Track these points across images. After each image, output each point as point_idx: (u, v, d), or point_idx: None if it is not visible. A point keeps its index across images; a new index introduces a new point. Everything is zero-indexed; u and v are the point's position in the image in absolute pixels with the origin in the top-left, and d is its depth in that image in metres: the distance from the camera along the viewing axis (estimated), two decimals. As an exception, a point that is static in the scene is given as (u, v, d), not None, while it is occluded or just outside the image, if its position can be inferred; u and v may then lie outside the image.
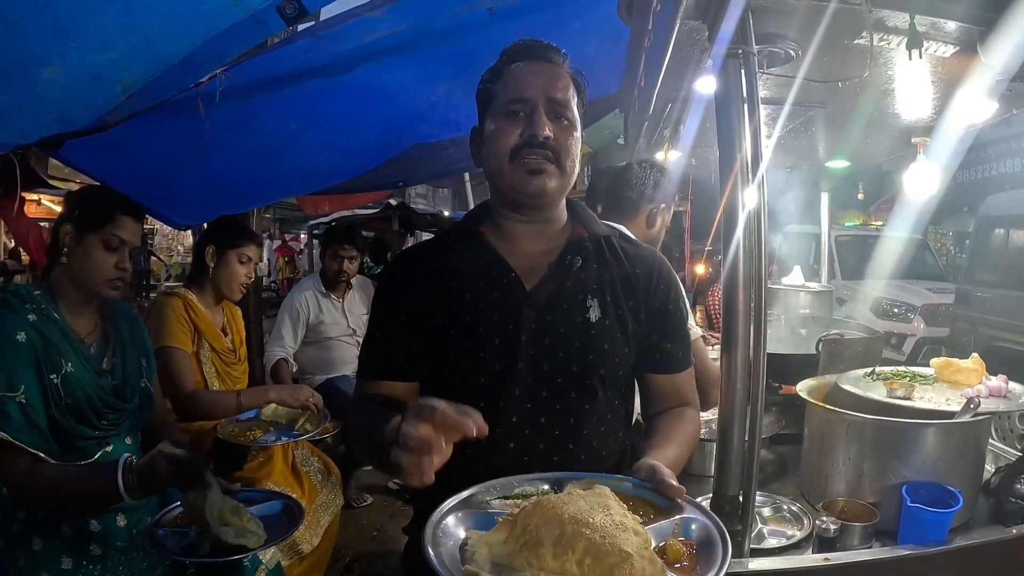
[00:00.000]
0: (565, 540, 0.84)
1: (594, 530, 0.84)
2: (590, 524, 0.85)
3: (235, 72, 2.00)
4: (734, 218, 1.25)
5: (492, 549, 0.87)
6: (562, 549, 0.84)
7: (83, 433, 1.71)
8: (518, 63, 1.25)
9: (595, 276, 1.27)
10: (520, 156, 1.20)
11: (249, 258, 2.68)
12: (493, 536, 0.89)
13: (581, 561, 0.83)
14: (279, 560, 2.11)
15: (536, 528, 0.86)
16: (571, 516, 0.86)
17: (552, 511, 0.88)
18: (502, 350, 1.20)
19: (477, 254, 1.27)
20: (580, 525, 0.85)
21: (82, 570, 1.67)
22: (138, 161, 2.69)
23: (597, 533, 0.84)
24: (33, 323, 1.65)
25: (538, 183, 1.20)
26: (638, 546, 0.84)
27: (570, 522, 0.86)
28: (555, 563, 0.83)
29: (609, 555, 0.82)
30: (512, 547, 0.86)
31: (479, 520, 0.94)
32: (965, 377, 1.96)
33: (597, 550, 0.82)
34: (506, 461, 1.16)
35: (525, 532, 0.87)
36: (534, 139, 1.19)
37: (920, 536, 1.47)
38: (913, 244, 9.11)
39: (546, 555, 0.84)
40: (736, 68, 1.24)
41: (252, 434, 2.36)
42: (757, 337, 1.25)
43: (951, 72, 1.66)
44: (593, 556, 0.82)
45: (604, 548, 0.82)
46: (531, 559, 0.84)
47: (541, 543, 0.85)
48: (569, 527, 0.85)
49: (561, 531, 0.85)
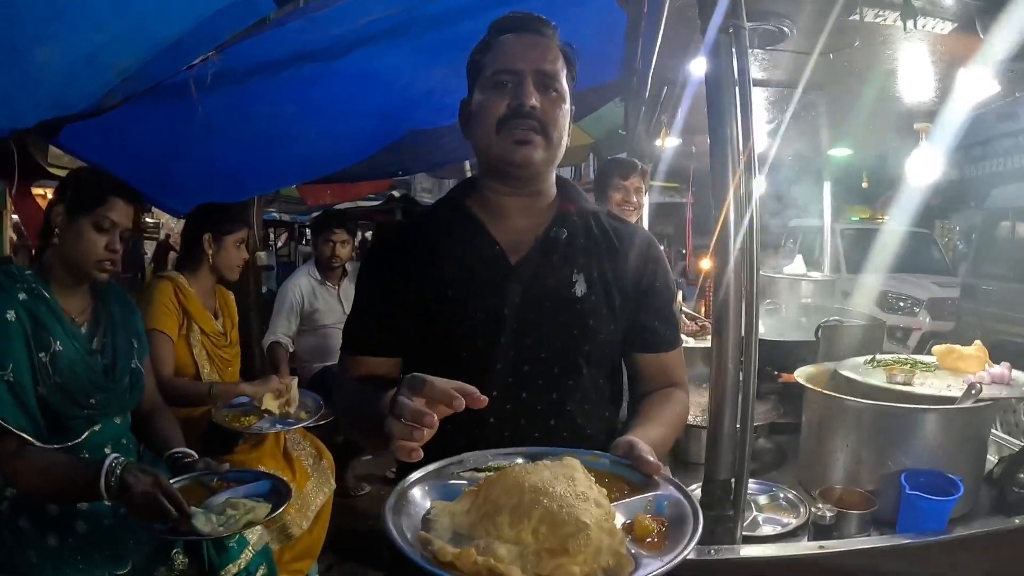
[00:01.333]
0: (522, 509, 0.82)
1: (552, 499, 0.82)
2: (549, 494, 0.83)
3: (228, 55, 1.99)
4: (724, 202, 1.22)
5: (454, 519, 0.86)
6: (518, 518, 0.81)
7: (71, 412, 1.72)
8: (507, 35, 1.23)
9: (581, 251, 1.26)
10: (507, 126, 1.19)
11: (243, 240, 2.75)
12: (456, 506, 0.88)
13: (536, 530, 0.80)
14: (267, 542, 2.10)
15: (496, 497, 0.85)
16: (531, 485, 0.84)
17: (514, 480, 0.86)
18: (485, 324, 1.19)
19: (463, 228, 1.26)
20: (539, 494, 0.83)
21: (67, 548, 1.69)
22: (136, 148, 2.70)
23: (555, 502, 0.82)
24: (23, 302, 1.67)
25: (525, 153, 1.19)
26: (598, 517, 0.82)
27: (529, 491, 0.84)
28: (511, 532, 0.81)
29: (565, 524, 0.79)
30: (474, 517, 0.85)
31: (446, 491, 0.92)
32: (967, 364, 1.93)
33: (553, 519, 0.80)
34: (487, 436, 1.15)
35: (487, 502, 0.85)
36: (521, 108, 1.17)
37: (919, 525, 1.44)
38: (919, 238, 9.05)
39: (503, 523, 0.81)
40: (727, 45, 1.21)
41: (247, 420, 2.38)
42: (749, 321, 1.23)
43: (951, 51, 1.63)
44: (548, 525, 0.80)
45: (560, 517, 0.80)
46: (489, 528, 0.82)
47: (499, 512, 0.83)
48: (528, 496, 0.83)
49: (519, 500, 0.83)
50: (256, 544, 1.98)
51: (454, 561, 0.76)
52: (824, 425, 1.69)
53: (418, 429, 0.86)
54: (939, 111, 2.25)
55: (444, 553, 0.77)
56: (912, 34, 1.55)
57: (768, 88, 2.20)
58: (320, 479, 2.73)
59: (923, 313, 7.26)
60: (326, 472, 2.78)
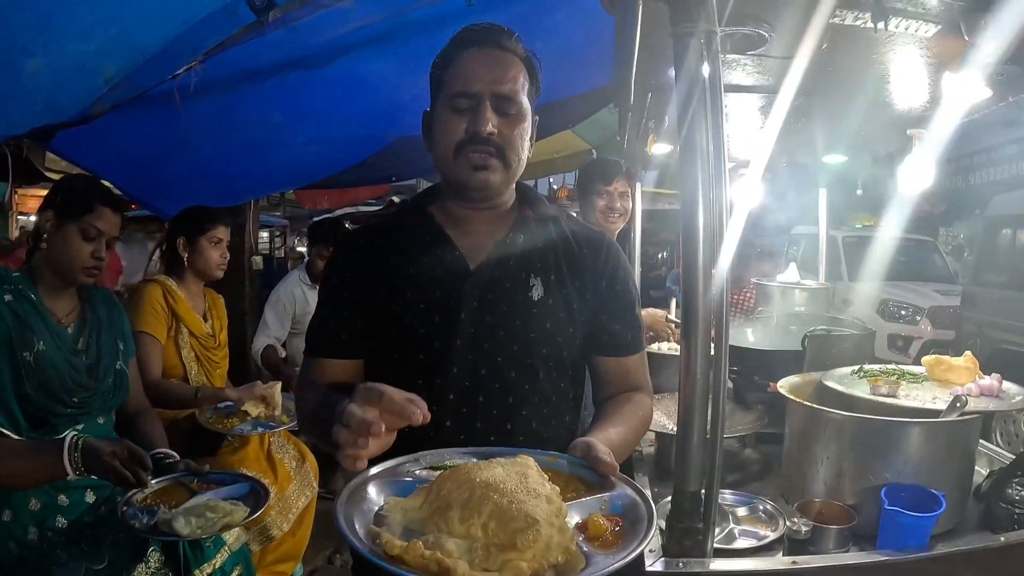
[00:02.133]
0: (472, 504, 0.82)
1: (502, 495, 0.82)
2: (500, 489, 0.83)
3: (212, 64, 2.01)
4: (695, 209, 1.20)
5: (406, 515, 0.86)
6: (468, 513, 0.82)
7: (55, 410, 1.79)
8: (467, 50, 1.23)
9: (539, 255, 1.27)
10: (464, 152, 1.19)
11: (220, 239, 2.73)
12: (409, 502, 0.88)
13: (486, 525, 0.80)
14: (245, 542, 2.11)
15: (448, 493, 0.85)
16: (482, 481, 0.85)
17: (465, 476, 0.86)
18: (441, 327, 1.20)
19: (423, 232, 1.27)
20: (489, 490, 0.83)
21: (47, 541, 1.73)
22: (127, 153, 2.74)
23: (505, 498, 0.82)
24: (8, 303, 1.75)
25: (481, 178, 1.20)
26: (548, 513, 0.81)
27: (480, 487, 0.84)
28: (461, 527, 0.81)
29: (514, 520, 0.79)
30: (425, 512, 0.85)
31: (400, 488, 0.93)
32: (956, 375, 1.89)
33: (503, 514, 0.80)
34: (443, 439, 1.14)
35: (438, 497, 0.85)
36: (477, 136, 1.18)
37: (899, 541, 1.40)
38: (922, 246, 8.99)
39: (453, 518, 0.82)
40: (697, 50, 1.19)
41: (230, 422, 2.41)
42: (719, 327, 1.21)
43: (939, 55, 1.60)
44: (498, 520, 0.80)
45: (510, 513, 0.80)
46: (440, 523, 0.82)
47: (450, 507, 0.83)
48: (478, 491, 0.83)
49: (470, 495, 0.83)
50: (233, 545, 2.01)
51: (402, 555, 0.76)
52: (805, 437, 1.65)
53: (363, 438, 0.87)
54: (931, 116, 2.22)
55: (392, 546, 0.77)
56: (895, 37, 1.52)
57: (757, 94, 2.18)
58: (303, 482, 2.75)
59: (924, 322, 7.20)
60: (308, 475, 2.81)
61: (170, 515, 1.64)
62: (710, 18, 1.20)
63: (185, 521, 1.62)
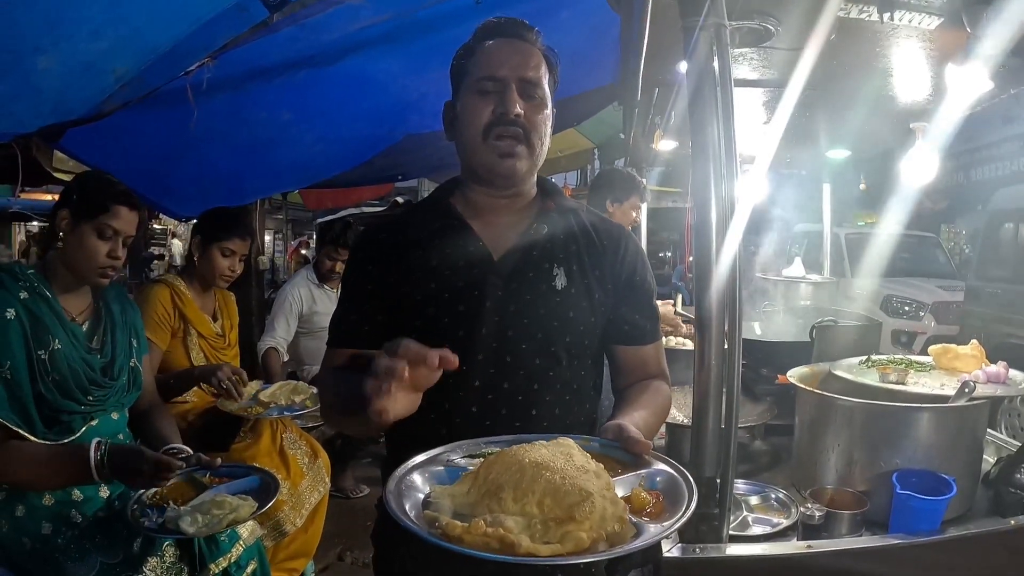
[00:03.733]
0: (525, 483, 0.84)
1: (554, 472, 0.84)
2: (550, 467, 0.85)
3: (223, 61, 2.02)
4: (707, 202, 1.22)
5: (455, 500, 0.87)
6: (522, 492, 0.83)
7: (69, 408, 1.77)
8: (491, 40, 1.26)
9: (562, 246, 1.29)
10: (492, 134, 1.22)
11: (232, 251, 2.68)
12: (456, 488, 0.90)
13: (541, 502, 0.82)
14: (260, 536, 2.12)
15: (497, 476, 0.87)
16: (532, 461, 0.86)
17: (513, 458, 0.88)
18: (466, 316, 1.21)
19: (446, 224, 1.29)
20: (541, 468, 0.85)
21: (61, 536, 1.72)
22: (136, 151, 2.74)
23: (557, 475, 0.84)
24: (23, 300, 1.73)
25: (508, 165, 1.23)
26: (599, 487, 0.84)
27: (530, 467, 0.86)
28: (515, 506, 0.83)
29: (569, 494, 0.81)
30: (474, 497, 0.87)
31: (443, 476, 0.95)
32: (963, 364, 1.91)
33: (557, 490, 0.82)
34: (468, 426, 1.16)
35: (487, 481, 0.87)
36: (505, 116, 1.20)
37: (911, 525, 1.42)
38: (924, 242, 8.99)
39: (507, 499, 0.83)
40: (707, 44, 1.21)
41: (253, 411, 2.44)
42: (732, 319, 1.23)
43: (942, 48, 1.62)
44: (553, 496, 0.82)
45: (564, 488, 0.82)
46: (492, 505, 0.84)
47: (502, 488, 0.84)
48: (529, 471, 0.85)
49: (521, 475, 0.85)
50: (248, 539, 2.01)
51: (463, 535, 0.78)
52: (816, 425, 1.67)
53: (387, 383, 0.88)
54: (934, 110, 2.24)
55: (453, 528, 0.79)
56: (898, 30, 1.55)
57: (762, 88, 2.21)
58: (315, 478, 2.75)
59: (928, 317, 7.20)
60: (321, 471, 2.80)
61: (177, 513, 1.65)
62: (719, 12, 1.23)
63: (191, 519, 1.63)
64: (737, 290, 1.22)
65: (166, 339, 2.53)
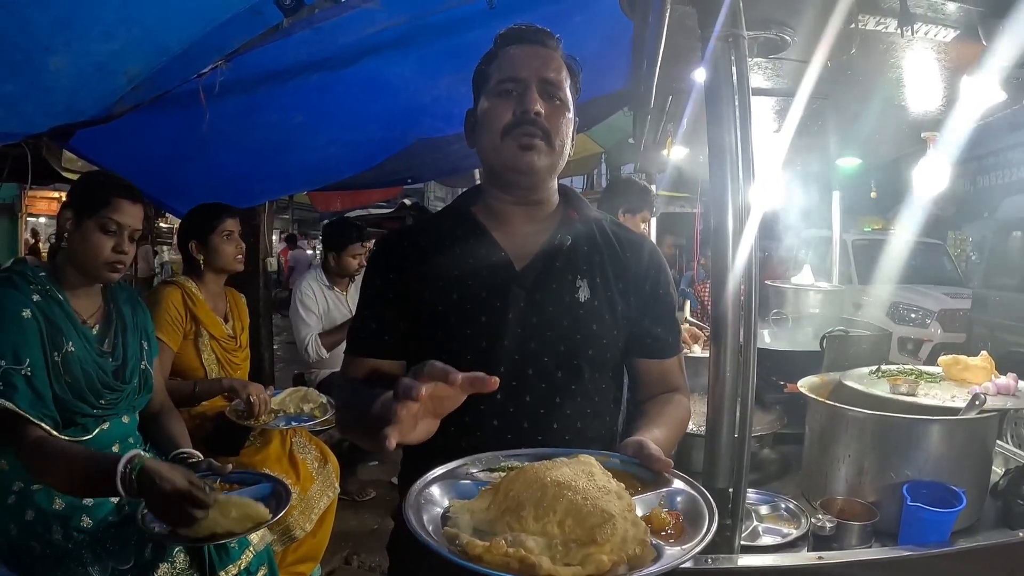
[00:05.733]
0: (547, 502, 0.83)
1: (576, 492, 0.84)
2: (573, 487, 0.84)
3: (236, 64, 2.03)
4: (723, 210, 1.22)
5: (474, 516, 0.87)
6: (543, 511, 0.83)
7: (81, 410, 1.76)
8: (512, 46, 1.27)
9: (585, 257, 1.28)
10: (512, 133, 1.21)
11: (230, 231, 2.69)
12: (475, 504, 0.89)
13: (562, 522, 0.81)
14: (269, 542, 2.12)
15: (518, 493, 0.86)
16: (553, 480, 0.86)
17: (534, 476, 0.87)
18: (488, 327, 1.20)
19: (468, 233, 1.28)
20: (563, 488, 0.84)
21: (71, 540, 1.72)
22: (147, 152, 2.75)
23: (579, 495, 0.83)
24: (37, 303, 1.72)
25: (528, 158, 1.21)
26: (621, 508, 0.83)
27: (552, 485, 0.85)
28: (536, 525, 0.82)
29: (591, 515, 0.81)
30: (494, 513, 0.86)
31: (462, 490, 0.94)
32: (973, 375, 1.91)
33: (579, 511, 0.81)
34: (488, 439, 1.16)
35: (507, 498, 0.86)
36: (525, 115, 1.20)
37: (921, 537, 1.42)
38: (931, 249, 8.97)
39: (527, 517, 0.82)
40: (726, 54, 1.22)
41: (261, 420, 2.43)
42: (748, 329, 1.23)
43: (956, 59, 1.62)
44: (574, 517, 0.81)
45: (586, 509, 0.81)
46: (512, 523, 0.83)
47: (522, 506, 0.84)
48: (551, 490, 0.84)
49: (543, 494, 0.84)
50: (258, 545, 2.00)
51: (483, 554, 0.77)
52: (826, 435, 1.67)
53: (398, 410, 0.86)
54: (946, 120, 2.23)
55: (473, 546, 0.78)
56: (914, 41, 1.55)
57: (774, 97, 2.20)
58: (324, 482, 2.75)
59: (934, 324, 7.18)
60: (331, 476, 2.80)
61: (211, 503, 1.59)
62: (737, 22, 1.23)
63: None
64: (754, 301, 1.22)
65: (177, 340, 2.53)
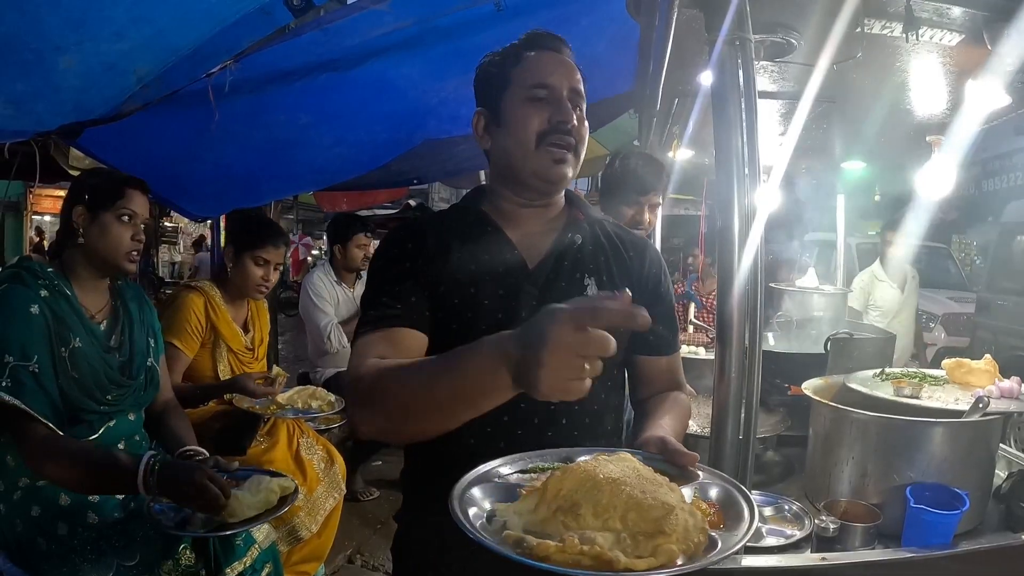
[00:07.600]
0: (605, 499, 0.84)
1: (632, 487, 0.85)
2: (627, 482, 0.86)
3: (245, 64, 2.04)
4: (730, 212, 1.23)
5: (522, 518, 0.87)
6: (603, 508, 0.83)
7: (88, 407, 1.77)
8: (537, 50, 1.28)
9: (592, 257, 1.31)
10: (547, 141, 1.23)
11: (266, 260, 2.62)
12: (521, 506, 0.89)
13: (624, 517, 0.82)
14: (274, 541, 2.12)
15: (570, 493, 0.86)
16: (606, 477, 0.86)
17: (585, 475, 0.88)
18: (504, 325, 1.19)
19: (481, 231, 1.30)
20: (618, 484, 0.85)
21: (77, 537, 1.72)
22: (154, 151, 2.76)
23: (636, 489, 0.84)
24: (45, 298, 1.72)
25: (560, 171, 1.25)
26: (678, 499, 0.84)
27: (607, 482, 0.85)
28: (596, 522, 0.83)
29: (653, 508, 0.82)
30: (544, 514, 0.86)
31: (502, 493, 0.94)
32: (977, 378, 1.91)
33: (640, 505, 0.82)
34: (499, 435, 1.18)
35: (558, 498, 0.86)
36: (563, 125, 1.23)
37: (924, 539, 1.43)
38: (935, 253, 8.95)
39: (586, 515, 0.83)
40: (733, 57, 1.23)
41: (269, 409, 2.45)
42: (753, 331, 1.23)
43: (961, 63, 1.63)
44: (637, 511, 0.82)
45: (647, 502, 0.82)
46: (568, 522, 0.83)
47: (579, 505, 0.84)
48: (607, 487, 0.85)
49: (599, 491, 0.85)
50: (263, 543, 2.01)
51: (554, 554, 0.77)
52: (830, 438, 1.68)
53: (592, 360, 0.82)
54: (951, 123, 2.24)
55: (545, 548, 0.78)
56: (920, 46, 1.55)
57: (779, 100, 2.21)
58: (331, 484, 2.75)
59: (938, 328, 7.17)
60: (337, 477, 2.80)
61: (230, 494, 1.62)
62: (744, 25, 1.24)
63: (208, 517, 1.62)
64: (759, 303, 1.23)
65: (195, 348, 2.51)
